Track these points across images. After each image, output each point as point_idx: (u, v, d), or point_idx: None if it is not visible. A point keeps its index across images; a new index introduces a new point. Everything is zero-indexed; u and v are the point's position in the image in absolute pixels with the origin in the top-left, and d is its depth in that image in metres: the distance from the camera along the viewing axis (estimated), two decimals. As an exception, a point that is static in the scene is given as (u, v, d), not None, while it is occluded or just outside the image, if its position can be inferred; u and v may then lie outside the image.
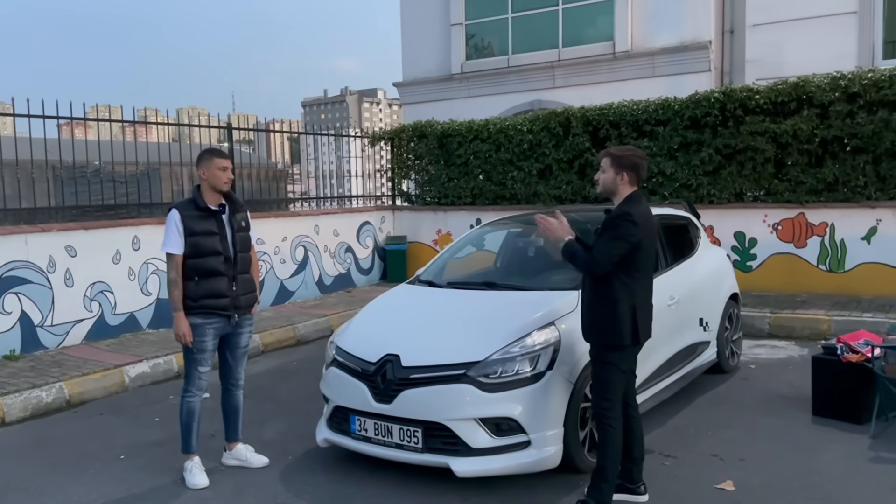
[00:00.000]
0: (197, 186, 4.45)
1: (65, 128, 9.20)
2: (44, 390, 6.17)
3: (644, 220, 3.77)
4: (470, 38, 16.82)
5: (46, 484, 4.56)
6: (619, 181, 3.85)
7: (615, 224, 3.74)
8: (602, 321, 3.80)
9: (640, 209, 3.80)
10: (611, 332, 3.77)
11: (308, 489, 4.35)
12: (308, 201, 12.06)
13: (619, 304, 3.74)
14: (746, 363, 6.88)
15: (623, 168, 3.84)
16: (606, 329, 3.78)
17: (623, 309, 3.74)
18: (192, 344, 4.36)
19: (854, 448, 4.68)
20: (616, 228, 3.72)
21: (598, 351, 3.87)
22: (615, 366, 3.79)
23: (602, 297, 3.79)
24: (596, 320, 3.84)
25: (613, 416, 3.78)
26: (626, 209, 3.78)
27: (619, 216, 3.76)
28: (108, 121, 8.64)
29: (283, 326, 8.66)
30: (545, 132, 10.65)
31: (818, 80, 8.82)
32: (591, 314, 3.86)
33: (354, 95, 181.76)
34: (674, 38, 14.26)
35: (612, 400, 3.79)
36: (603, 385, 3.81)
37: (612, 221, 3.77)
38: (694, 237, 6.53)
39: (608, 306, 3.76)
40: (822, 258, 8.99)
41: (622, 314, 3.74)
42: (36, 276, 7.38)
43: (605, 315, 3.78)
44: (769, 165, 9.19)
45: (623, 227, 3.70)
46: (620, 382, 3.82)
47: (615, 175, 3.85)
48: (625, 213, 3.76)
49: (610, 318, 3.76)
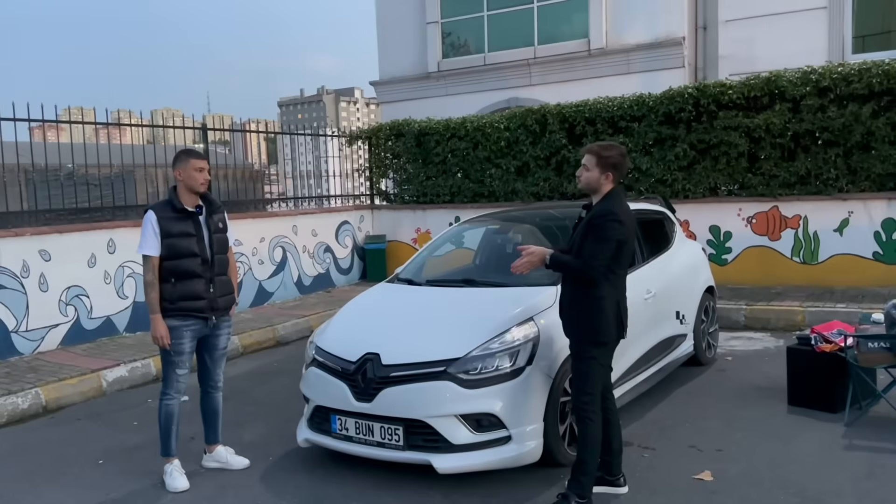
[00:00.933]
0: (173, 188, 4.41)
1: (37, 131, 9.08)
2: (20, 396, 6.09)
3: (627, 217, 3.82)
4: (446, 36, 16.83)
5: (23, 491, 4.51)
6: (602, 179, 3.87)
7: (602, 225, 3.74)
8: (588, 318, 3.82)
9: (623, 206, 3.85)
10: (597, 329, 3.81)
11: (289, 490, 4.34)
12: (286, 201, 12.01)
13: (604, 301, 3.78)
14: (723, 355, 6.96)
15: (608, 168, 3.85)
16: (592, 326, 3.81)
17: (609, 306, 3.79)
18: (170, 346, 4.33)
19: (828, 437, 4.76)
20: (604, 229, 3.73)
21: (580, 347, 3.88)
22: (597, 361, 3.82)
23: (587, 295, 3.81)
24: (581, 317, 3.85)
25: (593, 410, 3.81)
26: (609, 208, 3.80)
27: (605, 216, 3.77)
28: (80, 122, 8.56)
29: (262, 328, 8.63)
30: (522, 129, 10.69)
31: (790, 74, 8.94)
32: (576, 311, 3.88)
33: (331, 95, 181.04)
34: (648, 35, 14.38)
35: (592, 394, 3.82)
36: (583, 380, 3.84)
37: (598, 222, 3.77)
38: (669, 232, 6.59)
39: (594, 304, 3.79)
40: (796, 250, 9.11)
41: (608, 311, 3.79)
42: (9, 280, 7.28)
43: (591, 312, 3.80)
44: (743, 160, 9.30)
45: (610, 227, 3.73)
46: (601, 377, 3.86)
47: (600, 174, 3.87)
48: (609, 212, 3.77)
49: (596, 315, 3.79)
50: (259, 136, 13.13)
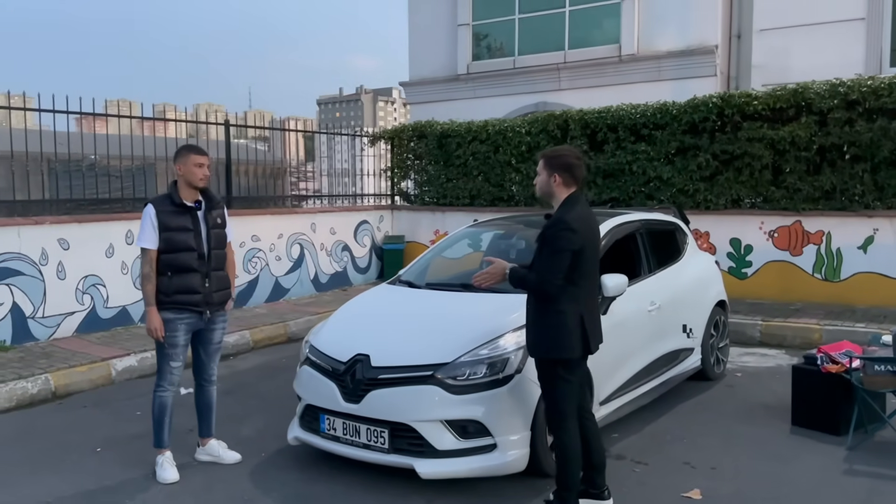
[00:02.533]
0: (174, 182, 4.47)
1: (82, 122, 9.29)
2: (30, 381, 6.22)
3: (582, 223, 3.65)
4: (476, 38, 16.82)
5: (22, 474, 4.60)
6: (552, 183, 3.76)
7: (553, 235, 3.60)
8: (549, 335, 3.66)
9: (577, 213, 3.67)
10: (560, 346, 3.65)
11: (276, 487, 4.37)
12: (306, 199, 12.10)
13: (566, 316, 3.62)
14: (733, 371, 6.84)
15: (555, 169, 3.74)
16: (555, 343, 3.66)
17: (571, 321, 3.62)
18: (164, 339, 4.38)
19: (829, 460, 4.64)
20: (555, 240, 3.58)
21: (545, 366, 3.74)
22: (564, 379, 3.68)
23: (547, 310, 3.66)
24: (542, 334, 3.70)
25: (568, 427, 3.70)
26: (560, 216, 3.66)
27: (554, 225, 3.63)
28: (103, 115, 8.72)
29: (274, 323, 8.69)
30: (543, 134, 10.63)
31: (817, 86, 8.75)
32: (536, 328, 3.73)
33: (370, 94, 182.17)
34: (680, 42, 14.20)
35: (566, 412, 3.71)
36: (554, 399, 3.73)
37: (549, 232, 3.63)
38: (681, 243, 6.49)
39: (554, 319, 3.64)
40: (818, 267, 8.91)
41: (570, 326, 3.62)
42: (28, 268, 7.44)
43: (552, 328, 3.65)
44: (766, 172, 9.13)
45: (561, 236, 3.58)
46: (571, 393, 3.73)
47: (548, 177, 3.76)
48: (559, 220, 3.63)
49: (558, 331, 3.64)
50: (297, 134, 13.33)
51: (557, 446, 3.77)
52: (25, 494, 4.30)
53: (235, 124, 10.34)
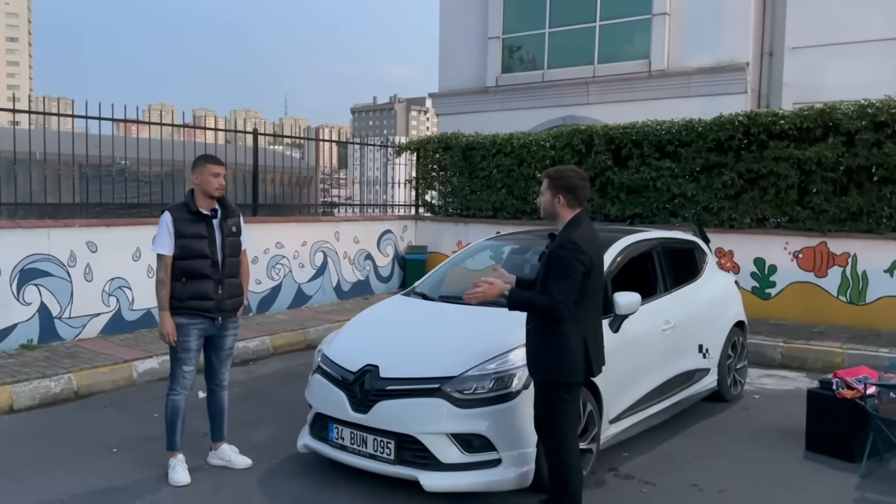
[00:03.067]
0: (191, 190, 4.57)
1: (121, 126, 9.52)
2: (53, 380, 6.37)
3: (590, 245, 3.64)
4: (506, 51, 16.89)
5: (38, 472, 4.71)
6: (556, 203, 3.76)
7: (564, 257, 3.57)
8: (552, 358, 3.65)
9: (584, 234, 3.66)
10: (562, 369, 3.63)
11: (283, 493, 4.42)
12: (333, 207, 12.24)
13: (569, 339, 3.60)
14: (750, 392, 6.76)
15: (559, 190, 3.73)
16: (557, 366, 3.64)
17: (574, 343, 3.60)
18: (177, 343, 4.48)
19: (840, 487, 4.58)
20: (565, 263, 3.55)
21: (546, 388, 3.72)
22: (565, 400, 3.67)
23: (549, 332, 3.64)
24: (544, 357, 3.68)
25: (569, 448, 3.69)
26: (568, 237, 3.64)
27: (564, 247, 3.60)
28: (135, 121, 8.93)
29: (294, 330, 8.79)
30: (568, 149, 10.63)
31: (845, 107, 8.64)
32: (539, 350, 3.71)
33: (403, 103, 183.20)
34: (711, 59, 14.14)
35: (566, 432, 3.69)
36: (555, 417, 3.71)
37: (558, 254, 3.60)
38: (699, 261, 6.45)
39: (557, 342, 3.61)
40: (843, 289, 8.78)
41: (573, 349, 3.60)
42: (56, 269, 7.63)
43: (555, 351, 3.63)
44: (792, 192, 9.03)
45: (573, 258, 3.55)
46: (574, 413, 3.72)
47: (552, 197, 3.76)
48: (569, 241, 3.61)
49: (561, 354, 3.62)
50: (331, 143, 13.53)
51: (558, 465, 3.74)
52: (41, 492, 4.41)
53: (263, 133, 10.50)
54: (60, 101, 7.73)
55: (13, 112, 7.87)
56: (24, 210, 8.17)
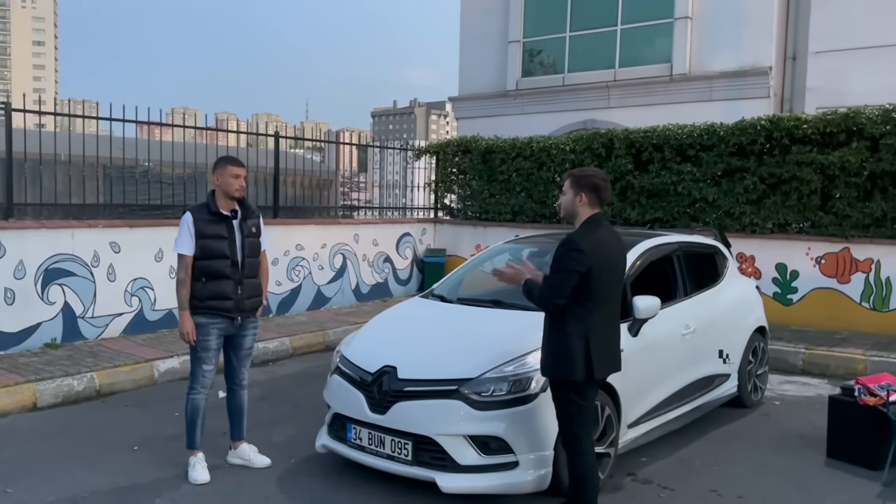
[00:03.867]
0: (211, 192, 4.62)
1: (146, 129, 9.67)
2: (76, 379, 6.46)
3: (595, 246, 3.62)
4: (527, 55, 16.87)
5: (60, 469, 4.78)
6: (577, 203, 3.76)
7: (560, 255, 3.62)
8: (554, 355, 3.69)
9: (593, 235, 3.67)
10: (562, 366, 3.66)
11: (300, 493, 4.45)
12: (354, 210, 12.29)
13: (569, 338, 3.62)
14: (771, 399, 6.70)
15: (582, 189, 3.74)
16: (558, 363, 3.67)
17: (575, 342, 3.61)
18: (196, 342, 4.52)
19: (861, 495, 4.52)
20: (561, 259, 3.60)
21: (555, 387, 3.77)
22: (574, 402, 3.69)
23: (554, 330, 3.69)
24: (548, 354, 3.74)
25: (584, 450, 3.70)
26: (572, 237, 3.67)
27: (564, 245, 3.64)
28: (157, 124, 9.04)
29: (314, 331, 8.84)
30: (588, 152, 10.60)
31: (869, 111, 8.54)
32: (545, 347, 3.78)
33: (423, 107, 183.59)
34: (733, 63, 14.03)
35: (579, 435, 3.70)
36: (568, 418, 3.73)
37: (558, 252, 3.65)
38: (720, 266, 6.41)
39: (559, 339, 3.66)
40: (866, 295, 8.67)
41: (574, 348, 3.61)
42: (80, 269, 7.73)
43: (557, 349, 3.67)
44: (815, 197, 8.94)
45: (568, 256, 3.58)
46: (586, 416, 3.72)
47: (574, 196, 3.77)
48: (569, 241, 3.64)
49: (561, 351, 3.64)
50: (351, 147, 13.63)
51: (572, 468, 3.75)
52: (62, 489, 4.47)
53: (285, 136, 10.58)
54: (85, 103, 7.83)
55: (39, 114, 8.00)
56: (49, 210, 8.30)
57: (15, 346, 7.28)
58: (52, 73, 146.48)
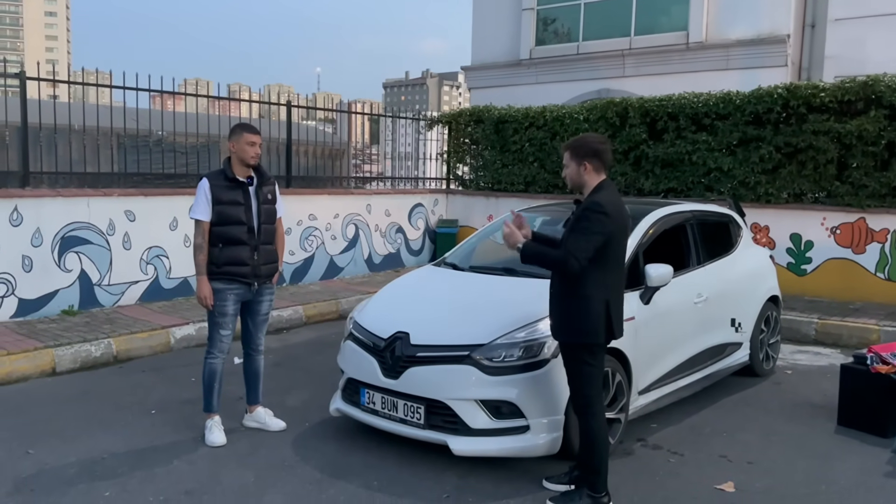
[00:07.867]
0: (227, 158, 4.64)
1: (159, 99, 9.70)
2: (93, 345, 6.56)
3: (615, 209, 3.64)
4: (541, 23, 16.69)
5: (80, 432, 4.87)
6: (582, 172, 3.75)
7: (586, 216, 3.60)
8: (574, 319, 3.68)
9: (611, 198, 3.68)
10: (583, 330, 3.66)
11: (315, 455, 4.52)
12: (366, 181, 12.30)
13: (591, 301, 3.62)
14: (783, 368, 6.70)
15: (584, 157, 3.73)
16: (579, 327, 3.67)
17: (596, 305, 3.62)
18: (214, 307, 4.58)
19: (871, 461, 4.54)
20: (588, 221, 3.58)
21: (568, 350, 3.77)
22: (587, 363, 3.71)
23: (572, 294, 3.67)
24: (567, 318, 3.72)
25: (595, 412, 3.73)
26: (595, 199, 3.65)
27: (589, 208, 3.62)
28: (170, 93, 9.05)
29: (327, 300, 8.90)
30: (602, 122, 10.51)
31: (888, 79, 8.41)
32: (562, 311, 3.75)
33: (435, 78, 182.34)
34: (750, 31, 13.84)
35: (591, 396, 3.73)
36: (579, 381, 3.75)
37: (583, 214, 3.63)
38: (734, 235, 6.38)
39: (580, 303, 3.64)
40: (881, 266, 8.61)
41: (595, 311, 3.62)
42: (96, 237, 7.81)
43: (577, 312, 3.66)
44: (831, 167, 8.84)
45: (595, 219, 3.57)
46: (597, 377, 3.76)
47: (577, 166, 3.75)
48: (595, 203, 3.62)
49: (583, 315, 3.64)
50: (363, 117, 13.59)
51: (584, 430, 3.79)
52: (82, 451, 4.56)
53: (297, 105, 10.56)
54: (98, 73, 7.84)
55: (53, 83, 8.03)
56: (65, 179, 8.36)
57: (34, 313, 7.39)
58: (64, 44, 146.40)
